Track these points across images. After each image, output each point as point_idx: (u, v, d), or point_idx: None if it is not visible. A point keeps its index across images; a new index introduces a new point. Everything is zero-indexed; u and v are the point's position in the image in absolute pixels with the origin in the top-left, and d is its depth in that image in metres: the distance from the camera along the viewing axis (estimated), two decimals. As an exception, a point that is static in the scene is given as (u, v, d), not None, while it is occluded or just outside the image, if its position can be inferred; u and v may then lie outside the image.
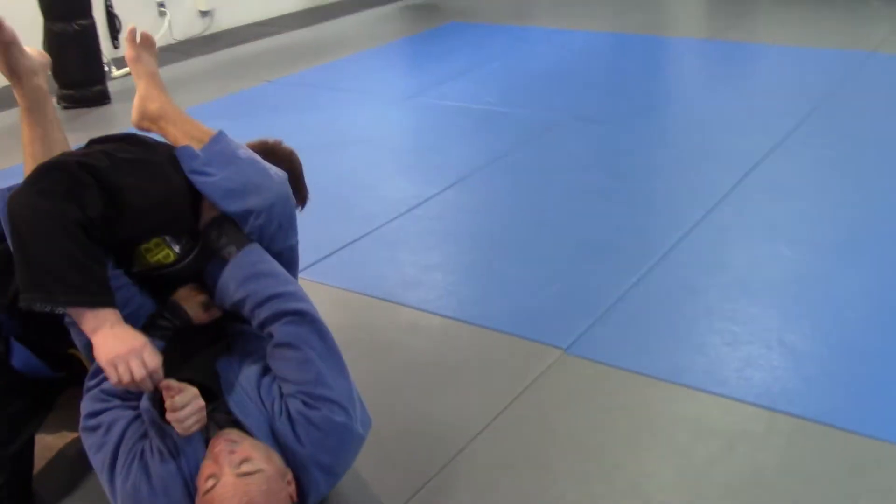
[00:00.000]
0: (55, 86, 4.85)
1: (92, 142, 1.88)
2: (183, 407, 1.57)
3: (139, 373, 1.59)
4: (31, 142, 1.92)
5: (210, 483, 1.53)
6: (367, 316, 2.65)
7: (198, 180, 1.80)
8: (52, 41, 4.72)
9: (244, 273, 1.77)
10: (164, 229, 1.80)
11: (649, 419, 2.14)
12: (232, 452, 1.56)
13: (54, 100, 4.81)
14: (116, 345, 1.59)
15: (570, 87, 4.90)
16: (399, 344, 2.49)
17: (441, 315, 2.63)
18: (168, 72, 5.51)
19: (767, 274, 2.79)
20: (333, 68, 5.48)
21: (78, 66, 4.71)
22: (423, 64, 5.58)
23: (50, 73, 2.00)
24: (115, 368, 1.58)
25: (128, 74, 5.22)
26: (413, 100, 4.79)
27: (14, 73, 1.88)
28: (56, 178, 1.62)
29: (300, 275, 2.84)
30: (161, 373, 1.63)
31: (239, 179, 1.80)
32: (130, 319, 1.69)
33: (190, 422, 1.58)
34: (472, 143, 4.08)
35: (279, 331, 1.73)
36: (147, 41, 2.08)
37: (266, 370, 1.77)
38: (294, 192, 2.01)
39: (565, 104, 4.58)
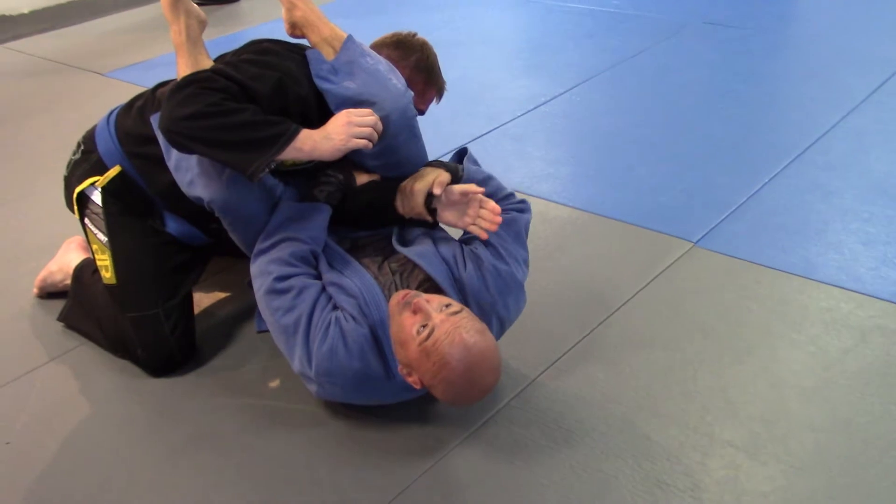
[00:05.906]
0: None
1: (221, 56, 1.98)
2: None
3: (366, 120, 1.77)
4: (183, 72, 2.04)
5: (425, 332, 1.60)
6: (497, 204, 2.71)
7: (321, 84, 1.89)
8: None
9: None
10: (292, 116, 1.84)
11: (781, 310, 2.16)
12: (429, 301, 1.64)
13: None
14: (333, 132, 1.75)
15: (700, -8, 4.77)
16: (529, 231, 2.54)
17: (570, 206, 2.68)
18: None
19: (907, 178, 2.73)
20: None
21: (211, -36, 4.81)
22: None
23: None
24: (353, 135, 1.75)
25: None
26: (537, 2, 4.74)
27: (176, 8, 2.00)
28: (187, 87, 1.71)
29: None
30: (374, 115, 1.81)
31: (356, 89, 1.87)
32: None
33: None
34: (599, 45, 4.04)
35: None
36: None
37: (437, 242, 1.89)
38: (428, 84, 2.10)
39: (695, 7, 4.47)
